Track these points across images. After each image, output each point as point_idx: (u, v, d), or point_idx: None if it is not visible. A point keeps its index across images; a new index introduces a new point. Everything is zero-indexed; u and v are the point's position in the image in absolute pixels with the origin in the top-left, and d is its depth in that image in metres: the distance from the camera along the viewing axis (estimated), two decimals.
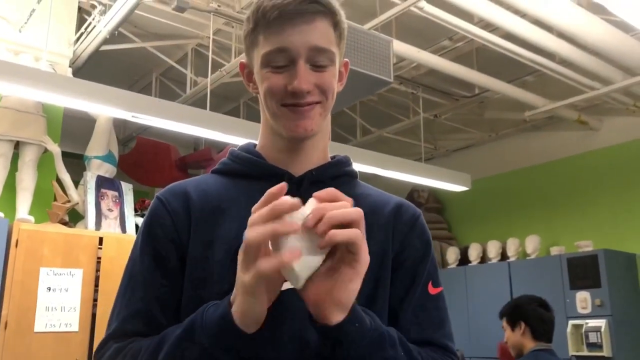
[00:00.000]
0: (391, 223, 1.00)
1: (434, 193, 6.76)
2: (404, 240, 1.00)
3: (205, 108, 3.85)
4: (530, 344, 2.64)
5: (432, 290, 1.00)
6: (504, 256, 5.91)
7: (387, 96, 5.46)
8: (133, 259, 0.99)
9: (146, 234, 0.98)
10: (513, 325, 2.71)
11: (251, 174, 1.01)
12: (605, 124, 5.57)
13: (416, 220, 1.03)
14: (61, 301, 3.00)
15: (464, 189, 5.00)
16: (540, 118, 5.49)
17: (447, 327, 1.01)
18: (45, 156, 3.42)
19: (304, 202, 0.83)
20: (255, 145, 1.06)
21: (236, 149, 1.07)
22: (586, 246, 5.21)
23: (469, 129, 6.19)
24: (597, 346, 4.72)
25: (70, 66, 3.81)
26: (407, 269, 0.99)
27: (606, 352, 4.69)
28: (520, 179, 6.18)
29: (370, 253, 0.79)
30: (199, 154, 5.06)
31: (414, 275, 0.99)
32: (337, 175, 1.04)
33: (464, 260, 6.27)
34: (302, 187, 0.98)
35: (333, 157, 1.06)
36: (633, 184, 5.29)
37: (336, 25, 0.97)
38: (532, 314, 2.69)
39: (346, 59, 1.04)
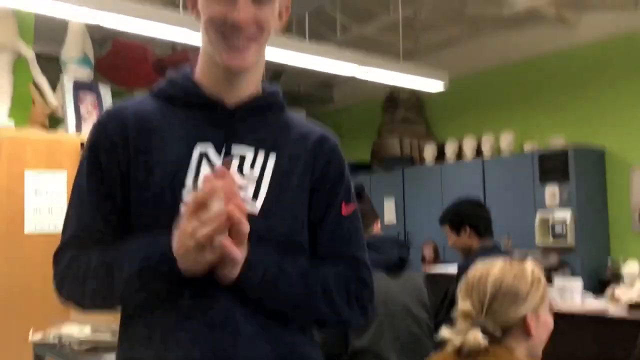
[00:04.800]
0: (313, 151, 1.10)
1: (414, 92, 6.78)
2: (323, 167, 1.11)
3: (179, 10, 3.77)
4: (476, 243, 2.88)
5: (345, 210, 1.12)
6: (479, 152, 6.06)
7: None
8: (80, 176, 1.07)
9: (90, 157, 1.06)
10: (458, 229, 2.91)
11: (187, 101, 1.07)
12: (583, 20, 5.54)
13: (334, 150, 1.13)
14: (49, 203, 3.07)
15: (441, 83, 5.03)
16: (519, 14, 5.43)
17: (357, 241, 1.14)
18: (20, 61, 3.36)
19: (238, 130, 1.04)
20: (193, 72, 1.10)
21: (175, 74, 1.12)
22: (559, 142, 5.36)
23: (448, 26, 6.12)
24: (562, 237, 4.99)
25: None
26: (325, 192, 1.11)
27: (569, 242, 4.98)
28: (498, 76, 6.22)
29: (296, 175, 1.06)
30: (176, 56, 4.98)
31: (331, 197, 1.11)
32: (268, 105, 1.11)
33: (440, 156, 6.42)
34: (236, 117, 1.06)
35: (263, 89, 1.12)
36: (609, 80, 5.36)
37: None
38: (473, 216, 2.90)
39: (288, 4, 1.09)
